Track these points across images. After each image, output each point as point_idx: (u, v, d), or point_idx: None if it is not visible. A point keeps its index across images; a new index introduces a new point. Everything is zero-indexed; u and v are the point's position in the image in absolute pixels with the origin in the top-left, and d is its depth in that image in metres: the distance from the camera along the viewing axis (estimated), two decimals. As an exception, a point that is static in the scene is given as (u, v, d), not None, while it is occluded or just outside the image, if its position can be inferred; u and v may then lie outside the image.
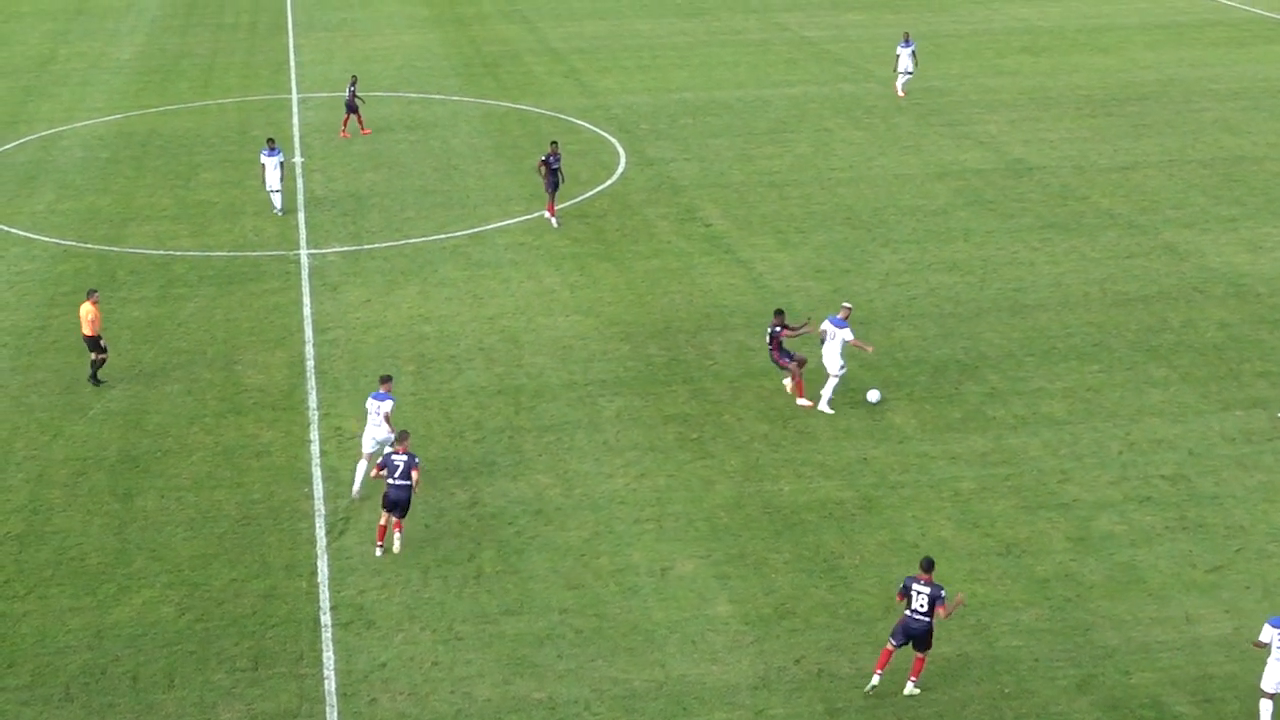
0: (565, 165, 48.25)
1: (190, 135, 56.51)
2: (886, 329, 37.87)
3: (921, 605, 23.51)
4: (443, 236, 44.80)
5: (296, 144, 54.88)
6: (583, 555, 27.76)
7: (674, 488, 30.16)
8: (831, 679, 24.24)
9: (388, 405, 29.91)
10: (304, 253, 43.55)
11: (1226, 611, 25.98)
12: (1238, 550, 27.80)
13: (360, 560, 27.61)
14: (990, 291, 40.38)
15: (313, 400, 34.09)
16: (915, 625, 23.65)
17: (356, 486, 29.89)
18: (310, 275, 41.79)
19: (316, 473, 30.79)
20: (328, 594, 26.57)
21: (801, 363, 33.88)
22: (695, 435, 32.33)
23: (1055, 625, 25.53)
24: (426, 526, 28.71)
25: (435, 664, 24.63)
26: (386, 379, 30.57)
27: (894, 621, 25.04)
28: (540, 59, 69.41)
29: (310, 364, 36.05)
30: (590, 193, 48.74)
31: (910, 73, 60.75)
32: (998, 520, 28.90)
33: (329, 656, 24.85)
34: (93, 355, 34.92)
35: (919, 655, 23.90)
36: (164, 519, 29.09)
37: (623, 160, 52.39)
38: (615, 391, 34.47)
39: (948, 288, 40.72)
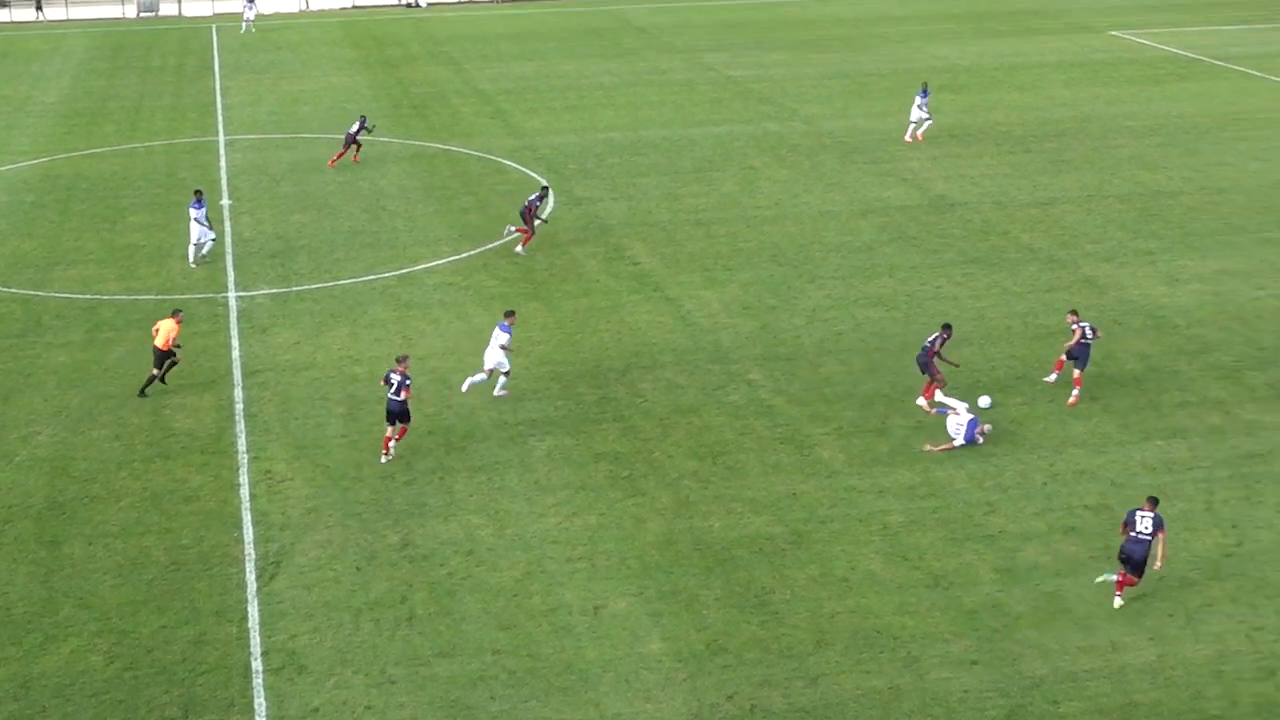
0: (493, 205, 48.20)
1: (117, 178, 56.01)
2: (814, 364, 37.93)
3: (1146, 528, 26.84)
4: (372, 278, 44.56)
5: (224, 187, 54.50)
6: (515, 595, 27.55)
7: (605, 526, 30.01)
8: (765, 714, 24.13)
9: (505, 337, 35.28)
10: (232, 295, 43.18)
11: (1151, 639, 26.07)
12: (1161, 578, 27.90)
13: (291, 605, 27.27)
14: (915, 326, 40.50)
15: (242, 443, 33.72)
16: (1137, 547, 26.85)
17: (465, 386, 35.66)
18: (239, 318, 41.43)
19: (246, 517, 30.43)
20: (259, 639, 26.22)
21: (942, 384, 35.13)
22: (626, 473, 32.21)
23: (984, 656, 25.53)
24: (358, 569, 28.42)
25: (368, 708, 24.33)
26: (510, 313, 36.10)
27: (828, 656, 25.18)
28: (468, 100, 69.33)
29: (239, 407, 35.68)
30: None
31: (924, 120, 60.02)
32: (926, 553, 28.92)
33: (260, 703, 24.50)
34: (154, 371, 36.22)
35: (1132, 577, 27.04)
36: (91, 566, 28.64)
37: (551, 200, 52.32)
38: (546, 431, 34.31)
39: (873, 323, 40.84)
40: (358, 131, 57.07)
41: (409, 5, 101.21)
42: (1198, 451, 32.98)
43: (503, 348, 35.41)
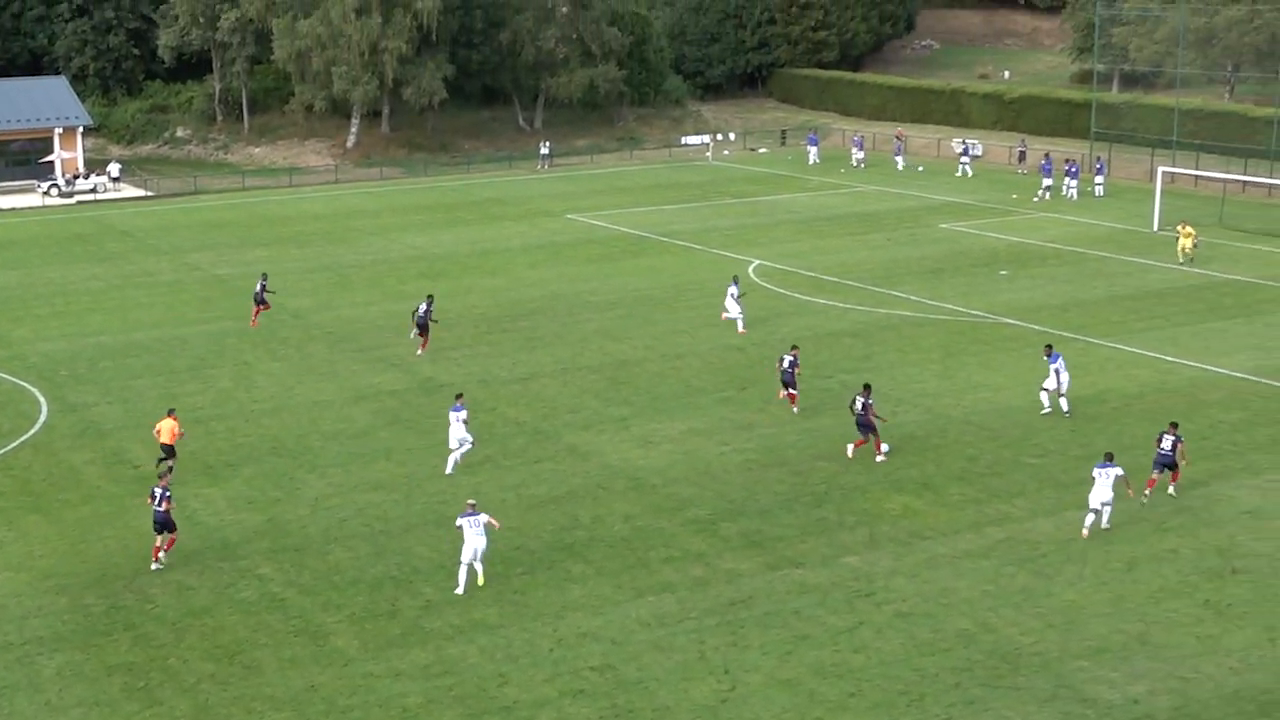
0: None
1: None
2: (321, 553, 36.72)
3: (1167, 445, 37.86)
4: None
5: None
6: (32, 827, 25.10)
7: (124, 741, 27.87)
8: None
9: (464, 414, 42.40)
10: None
11: (663, 790, 26.00)
12: (673, 729, 27.98)
13: None
14: (417, 506, 39.89)
15: None
16: (1163, 459, 38.02)
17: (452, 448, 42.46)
18: None
19: None
20: None
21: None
22: (142, 684, 30.05)
23: (511, 829, 24.83)
24: None
25: None
26: (460, 395, 43.51)
27: None
28: (-50, 312, 64.99)
29: None
30: (12, 445, 45.46)
31: (737, 315, 58.08)
32: (446, 731, 28.10)
33: None
34: (167, 458, 41.64)
35: (1174, 474, 38.43)
36: None
37: (44, 409, 49.30)
38: (54, 648, 31.72)
39: (376, 506, 39.98)
40: (263, 290, 60.33)
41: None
42: (686, 604, 33.47)
43: (464, 422, 42.08)
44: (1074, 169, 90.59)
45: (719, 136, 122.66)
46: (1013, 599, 33.10)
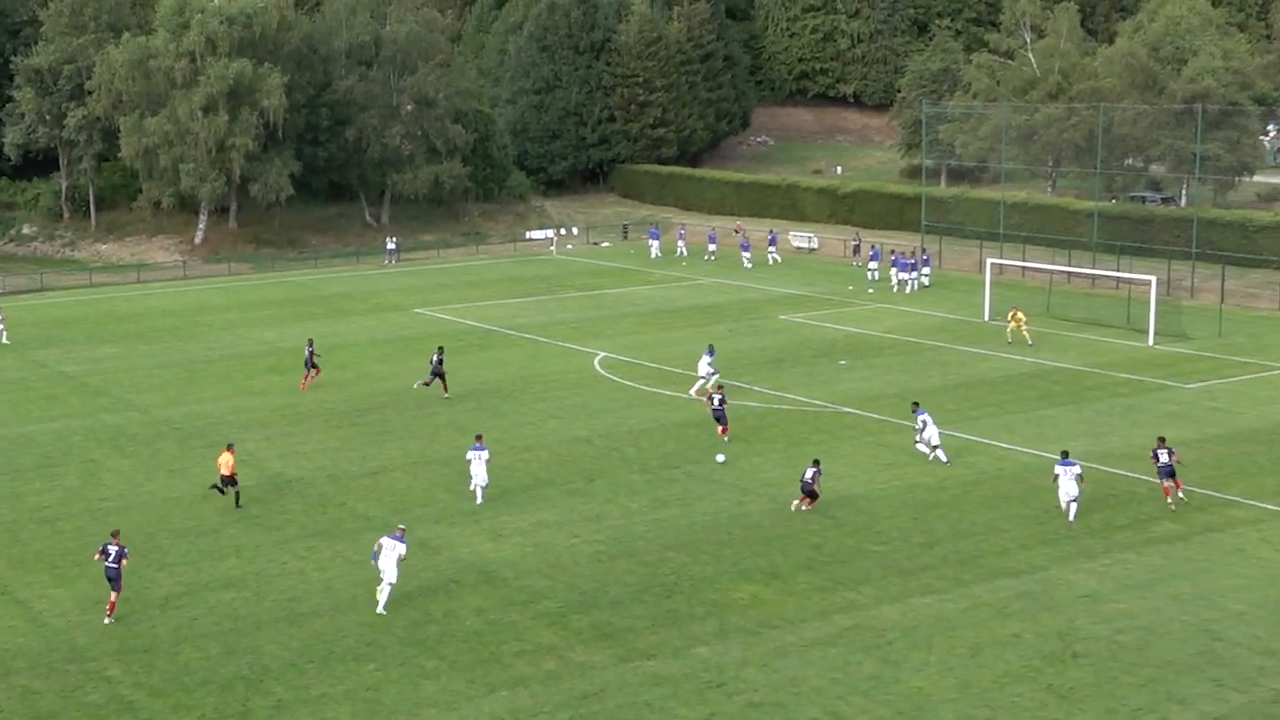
0: None
1: None
2: (171, 654, 35.64)
3: (1164, 458, 44.01)
4: None
5: None
6: None
7: None
8: None
9: (486, 454, 47.05)
10: None
11: None
12: None
13: None
14: (267, 604, 38.93)
15: None
16: (1165, 468, 44.15)
17: (472, 485, 47.43)
18: None
19: None
20: None
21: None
22: (-17, 795, 28.83)
23: None
24: None
25: None
26: (480, 436, 48.26)
27: None
28: None
29: None
30: None
31: (706, 376, 61.50)
32: (300, 835, 27.24)
33: None
34: (233, 488, 46.72)
35: (1174, 482, 44.43)
36: None
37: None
38: (-108, 760, 30.33)
39: (226, 605, 38.94)
40: (311, 355, 64.41)
41: None
42: (539, 698, 32.97)
43: (485, 462, 46.99)
44: (904, 262, 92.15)
45: (562, 231, 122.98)
46: (861, 687, 33.13)
